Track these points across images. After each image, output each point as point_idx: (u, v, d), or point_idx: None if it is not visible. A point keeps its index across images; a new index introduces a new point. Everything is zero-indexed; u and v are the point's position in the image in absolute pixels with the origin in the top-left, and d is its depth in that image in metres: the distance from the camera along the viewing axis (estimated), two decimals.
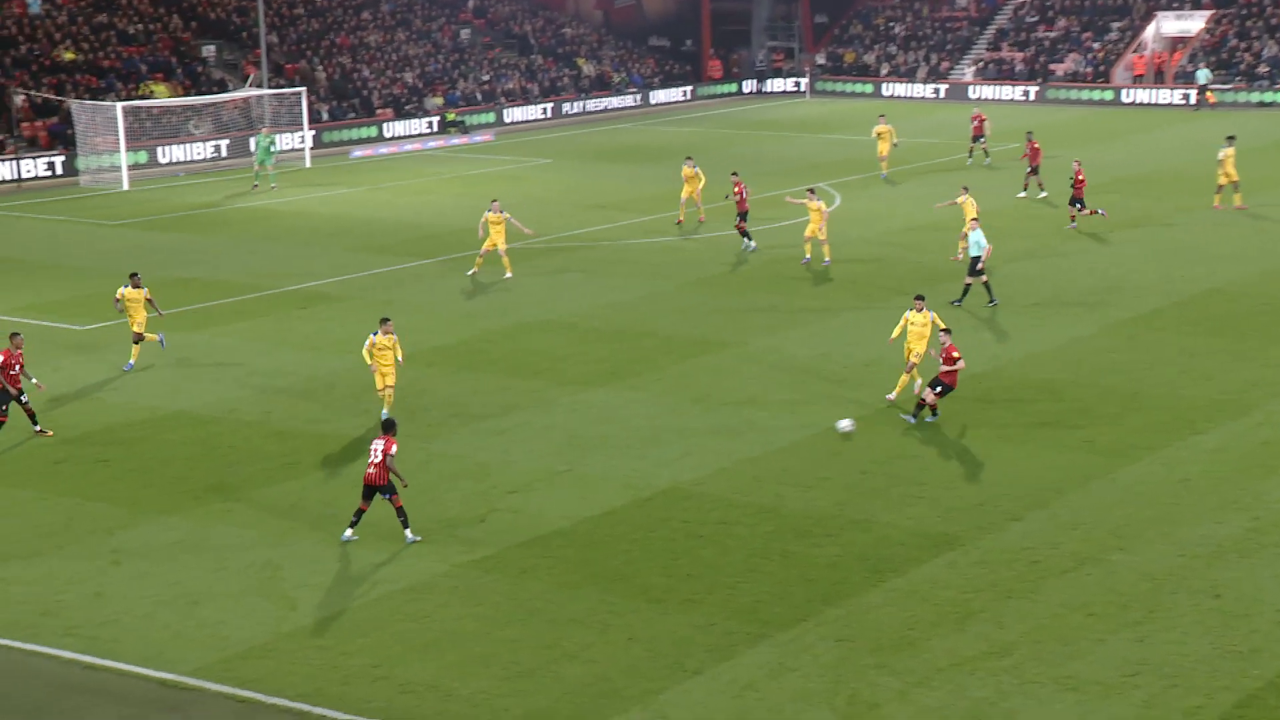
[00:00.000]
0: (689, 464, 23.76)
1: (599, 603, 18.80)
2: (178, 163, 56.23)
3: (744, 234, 39.41)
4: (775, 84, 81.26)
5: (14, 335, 25.14)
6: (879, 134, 50.97)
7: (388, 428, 20.84)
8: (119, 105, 52.60)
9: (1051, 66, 75.91)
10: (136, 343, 29.11)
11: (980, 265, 33.11)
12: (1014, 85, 75.35)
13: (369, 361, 25.41)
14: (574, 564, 20.04)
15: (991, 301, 33.30)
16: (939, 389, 25.28)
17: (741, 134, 65.02)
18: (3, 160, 52.21)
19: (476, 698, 16.50)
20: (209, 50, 64.83)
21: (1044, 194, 46.35)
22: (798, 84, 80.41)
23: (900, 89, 77.64)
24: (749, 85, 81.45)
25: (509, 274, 36.45)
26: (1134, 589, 19.07)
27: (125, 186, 51.45)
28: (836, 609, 18.60)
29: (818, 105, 75.68)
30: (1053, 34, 77.97)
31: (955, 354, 25.14)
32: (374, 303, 34.26)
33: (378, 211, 46.72)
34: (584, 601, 18.86)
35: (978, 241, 33.02)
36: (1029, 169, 46.65)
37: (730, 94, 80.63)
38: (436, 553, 20.36)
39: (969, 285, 33.33)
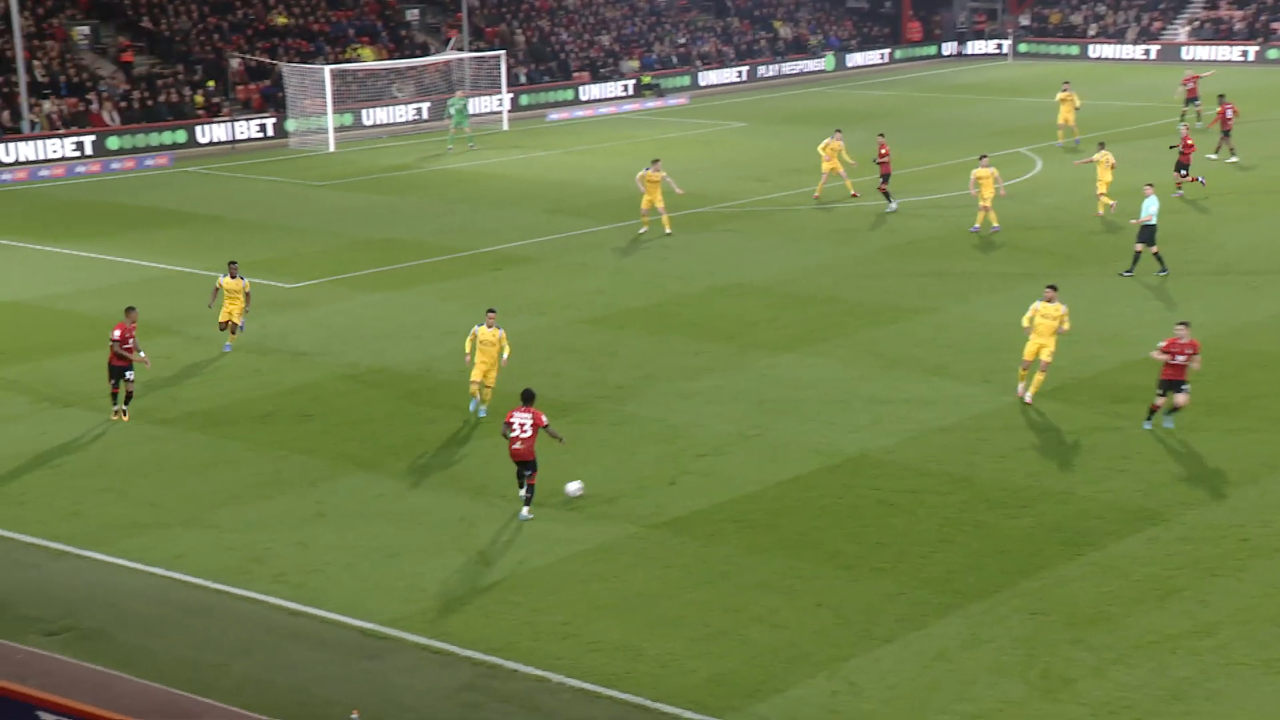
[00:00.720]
0: (879, 431, 23.52)
1: (787, 568, 18.77)
2: (381, 125, 57.55)
3: (885, 195, 39.66)
4: (976, 46, 79.47)
5: (129, 310, 24.72)
6: (1061, 100, 49.24)
7: (528, 399, 20.19)
8: (327, 69, 54.02)
9: (1274, 25, 72.52)
10: (228, 330, 28.09)
11: (1152, 233, 31.97)
12: (1231, 45, 72.22)
13: (466, 351, 24.11)
14: (762, 528, 20.03)
15: (1162, 270, 32.18)
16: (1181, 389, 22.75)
17: (939, 97, 63.79)
18: (219, 122, 54.10)
19: (664, 658, 16.64)
20: (413, 14, 66.10)
21: (1234, 159, 44.70)
22: (1000, 46, 78.51)
23: (1108, 50, 75.15)
24: (949, 48, 79.82)
25: (669, 230, 37.18)
26: None
27: (331, 148, 52.89)
28: (1031, 581, 18.24)
29: (1020, 68, 73.78)
30: None
31: (1189, 350, 22.54)
32: (567, 265, 34.64)
33: (572, 174, 47.15)
34: (772, 566, 18.84)
35: (1150, 208, 31.89)
36: (1221, 132, 45.24)
37: (929, 56, 79.13)
38: (626, 514, 20.55)
39: (1139, 253, 32.25)
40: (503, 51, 60.43)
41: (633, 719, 15.52)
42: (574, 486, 20.66)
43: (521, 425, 19.97)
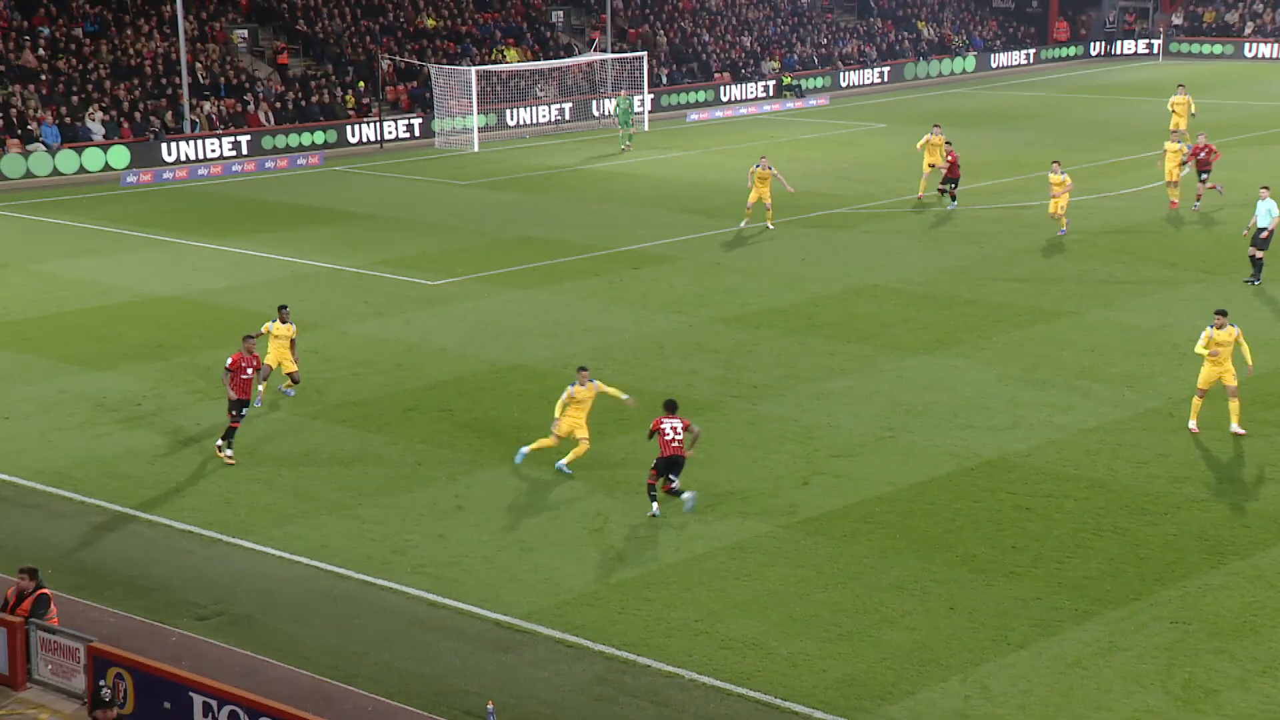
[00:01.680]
0: (1017, 434, 23.15)
1: (920, 570, 18.57)
2: (524, 125, 58.15)
3: (944, 193, 40.13)
4: (1126, 46, 77.70)
5: (247, 339, 23.10)
6: (1174, 106, 46.50)
7: (671, 408, 20.58)
8: (473, 70, 54.75)
9: None
10: (280, 373, 25.78)
11: (1266, 237, 30.67)
12: None
13: (557, 416, 21.92)
14: (896, 530, 19.84)
15: (1254, 279, 30.96)
16: None
17: (1085, 98, 62.52)
18: (368, 122, 55.15)
19: (795, 657, 16.58)
20: (558, 15, 66.67)
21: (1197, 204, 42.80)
22: (1150, 45, 76.67)
23: (1265, 49, 72.89)
24: (1097, 48, 78.16)
25: (770, 225, 37.84)
26: None
27: (475, 148, 53.58)
28: (1171, 589, 17.81)
29: (1171, 68, 71.95)
30: None
31: None
32: (703, 264, 34.66)
33: (710, 174, 47.14)
34: (905, 568, 18.66)
35: (1268, 211, 30.64)
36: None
37: (1076, 57, 77.59)
38: (760, 513, 20.51)
39: (1256, 258, 30.92)
40: (644, 53, 60.66)
41: (763, 717, 15.49)
42: (689, 497, 20.40)
43: (672, 429, 20.32)
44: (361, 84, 56.94)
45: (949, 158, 39.78)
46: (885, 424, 23.81)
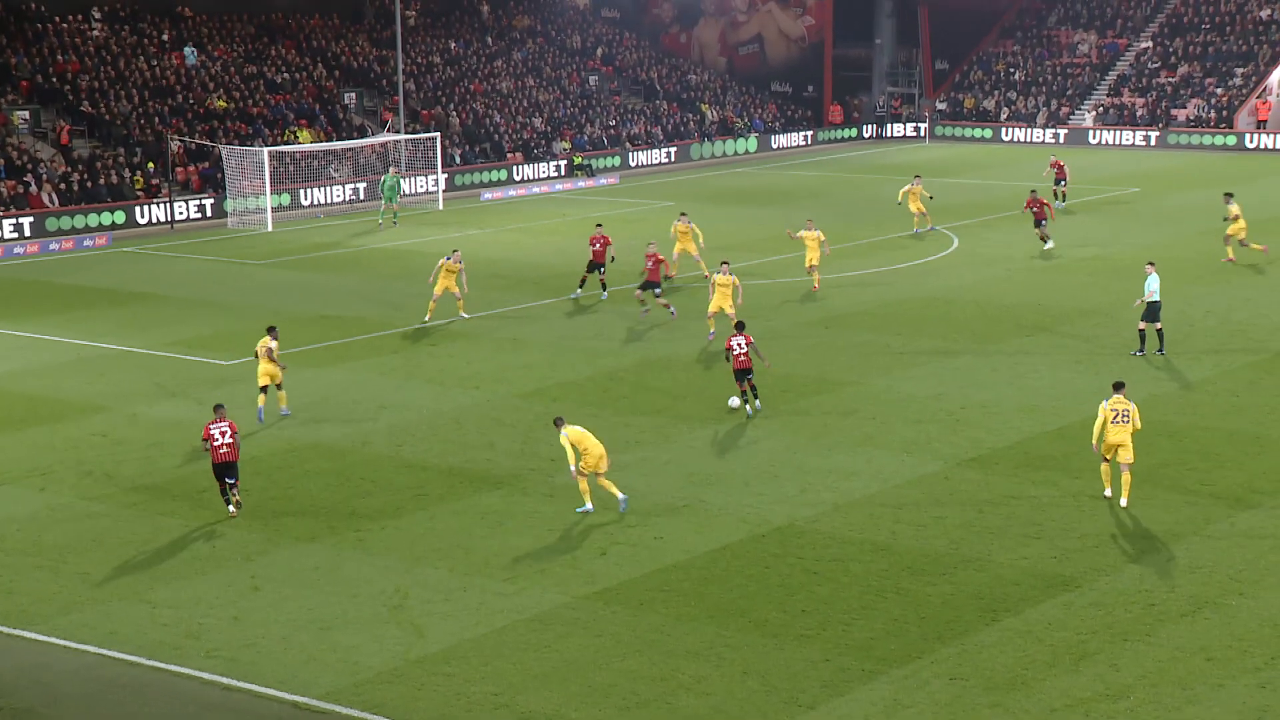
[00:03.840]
0: (805, 501, 23.63)
1: (715, 636, 18.75)
2: (319, 204, 57.50)
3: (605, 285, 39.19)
4: (895, 129, 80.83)
5: (217, 408, 23.64)
6: (910, 193, 48.63)
7: (740, 327, 28.01)
8: (265, 150, 53.98)
9: (1174, 112, 74.51)
10: (270, 390, 28.17)
11: (1156, 310, 31.55)
12: (1135, 130, 74.10)
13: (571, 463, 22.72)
14: (691, 597, 20.02)
15: (1139, 351, 31.94)
16: None
17: (860, 177, 64.72)
18: (158, 203, 53.79)
19: None
20: (350, 97, 66.30)
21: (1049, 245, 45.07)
22: (918, 129, 79.90)
23: (1020, 133, 76.77)
24: (869, 130, 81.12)
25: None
26: (1255, 634, 18.53)
27: (269, 227, 52.72)
28: (950, 647, 18.34)
29: (937, 149, 75.08)
30: (1175, 80, 76.55)
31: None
32: (500, 339, 34.65)
33: (506, 251, 47.27)
34: (700, 634, 18.82)
35: (1152, 285, 31.46)
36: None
37: (850, 139, 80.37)
38: (559, 585, 20.48)
39: (1143, 332, 31.89)
40: (438, 134, 60.71)
41: None
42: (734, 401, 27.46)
43: (737, 345, 27.33)
44: (151, 165, 55.59)
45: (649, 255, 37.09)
46: (679, 494, 24.06)
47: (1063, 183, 53.46)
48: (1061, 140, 75.20)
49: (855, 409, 28.69)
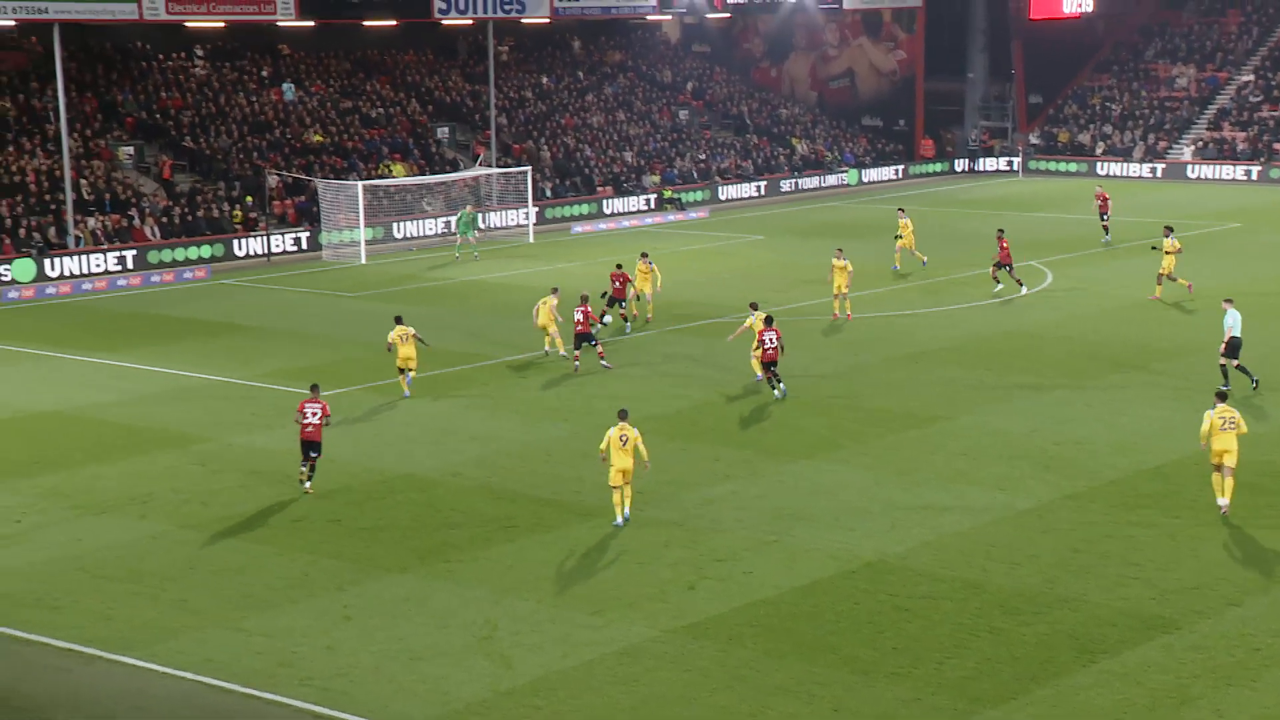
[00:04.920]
0: (894, 537, 23.41)
1: (804, 672, 18.60)
2: (411, 237, 58.18)
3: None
4: (988, 163, 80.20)
5: (313, 386, 26.96)
6: (902, 229, 48.31)
7: (769, 321, 31.61)
8: (360, 184, 54.76)
9: (1276, 146, 73.17)
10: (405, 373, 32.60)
11: (1226, 347, 31.30)
12: (1235, 165, 72.85)
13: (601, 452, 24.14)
14: (780, 633, 19.88)
15: (1254, 383, 31.51)
16: None
17: (951, 211, 64.24)
18: (255, 236, 54.75)
19: None
20: (443, 132, 67.12)
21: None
22: (1010, 163, 79.20)
23: (1115, 168, 75.79)
24: (961, 164, 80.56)
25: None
26: None
27: (363, 260, 53.43)
28: (1045, 689, 18.03)
29: (1030, 184, 74.36)
30: (1278, 114, 75.19)
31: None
32: (586, 372, 34.75)
33: (597, 285, 47.39)
34: (790, 671, 18.68)
35: (1231, 324, 31.19)
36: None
37: (942, 173, 79.85)
38: (647, 618, 20.43)
39: (1224, 367, 31.51)
40: (529, 167, 61.22)
41: None
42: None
43: (769, 339, 31.54)
44: (249, 199, 56.62)
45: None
46: (769, 528, 23.94)
47: (1106, 216, 52.76)
48: (1159, 175, 74.14)
49: (945, 445, 28.40)
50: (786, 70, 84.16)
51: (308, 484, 26.13)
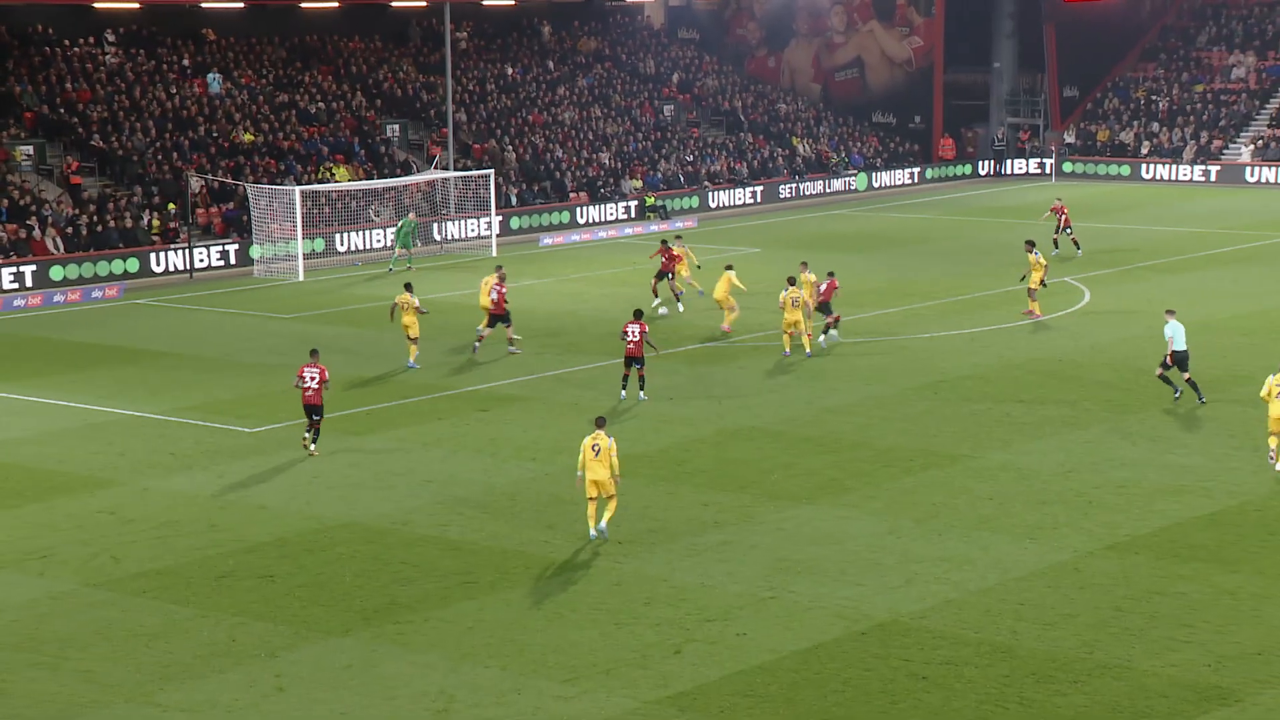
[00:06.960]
0: (911, 594, 23.47)
1: None
2: (356, 251, 58.26)
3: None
4: (1016, 165, 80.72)
5: (313, 352, 31.66)
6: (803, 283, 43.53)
7: (638, 315, 34.20)
8: (297, 190, 54.84)
9: None
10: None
11: (1170, 359, 33.41)
12: None
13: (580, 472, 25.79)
14: (779, 703, 19.90)
15: (1200, 399, 33.48)
16: None
17: (976, 221, 64.60)
18: (176, 249, 54.77)
19: None
20: (393, 130, 67.32)
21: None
22: (1042, 165, 79.74)
23: (1163, 170, 76.31)
24: (985, 166, 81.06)
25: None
26: None
27: (300, 277, 53.48)
28: None
29: (1064, 189, 74.75)
30: None
31: None
32: (559, 405, 34.83)
33: (567, 304, 47.58)
34: None
35: (1171, 335, 33.28)
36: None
37: (963, 176, 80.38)
38: (627, 687, 20.43)
39: (1164, 378, 33.61)
40: (491, 171, 61.41)
41: None
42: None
43: (630, 332, 33.95)
44: (170, 206, 56.65)
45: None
46: (765, 583, 23.98)
47: (1069, 230, 53.32)
48: (1213, 178, 74.66)
49: (969, 487, 28.50)
50: (786, 60, 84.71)
51: (312, 447, 30.51)
